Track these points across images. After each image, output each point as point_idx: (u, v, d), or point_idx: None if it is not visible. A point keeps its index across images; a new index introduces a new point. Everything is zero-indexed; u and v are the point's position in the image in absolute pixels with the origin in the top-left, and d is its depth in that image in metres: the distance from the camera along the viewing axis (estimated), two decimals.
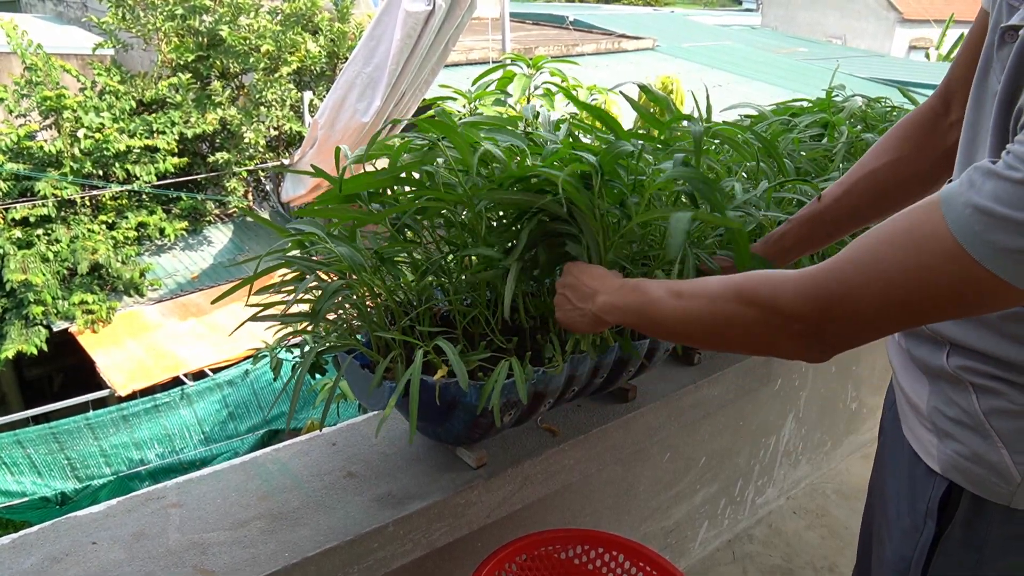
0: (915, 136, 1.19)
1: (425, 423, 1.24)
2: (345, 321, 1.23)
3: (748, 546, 2.33)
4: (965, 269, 0.71)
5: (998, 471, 0.91)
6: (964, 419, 0.94)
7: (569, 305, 1.13)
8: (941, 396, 0.97)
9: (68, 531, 1.12)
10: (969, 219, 0.70)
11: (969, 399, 0.93)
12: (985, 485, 0.93)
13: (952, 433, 0.96)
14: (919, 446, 1.02)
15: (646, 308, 1.01)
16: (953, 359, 0.94)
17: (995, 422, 0.91)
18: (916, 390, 1.02)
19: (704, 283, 0.95)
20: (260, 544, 1.11)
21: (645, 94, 1.54)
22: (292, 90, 8.33)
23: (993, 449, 0.91)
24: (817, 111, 2.07)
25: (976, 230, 0.69)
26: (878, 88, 10.23)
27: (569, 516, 1.71)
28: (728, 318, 0.90)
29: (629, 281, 1.06)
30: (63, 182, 7.11)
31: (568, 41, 11.94)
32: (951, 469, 0.96)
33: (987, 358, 0.91)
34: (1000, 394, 0.90)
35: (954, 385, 0.95)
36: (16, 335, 6.75)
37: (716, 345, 1.03)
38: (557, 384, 1.22)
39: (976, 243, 0.70)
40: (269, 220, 1.31)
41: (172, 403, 5.75)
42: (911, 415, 1.04)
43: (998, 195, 0.68)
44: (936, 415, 0.98)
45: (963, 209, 0.71)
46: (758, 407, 2.18)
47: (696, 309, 0.94)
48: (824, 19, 24.70)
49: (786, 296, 0.84)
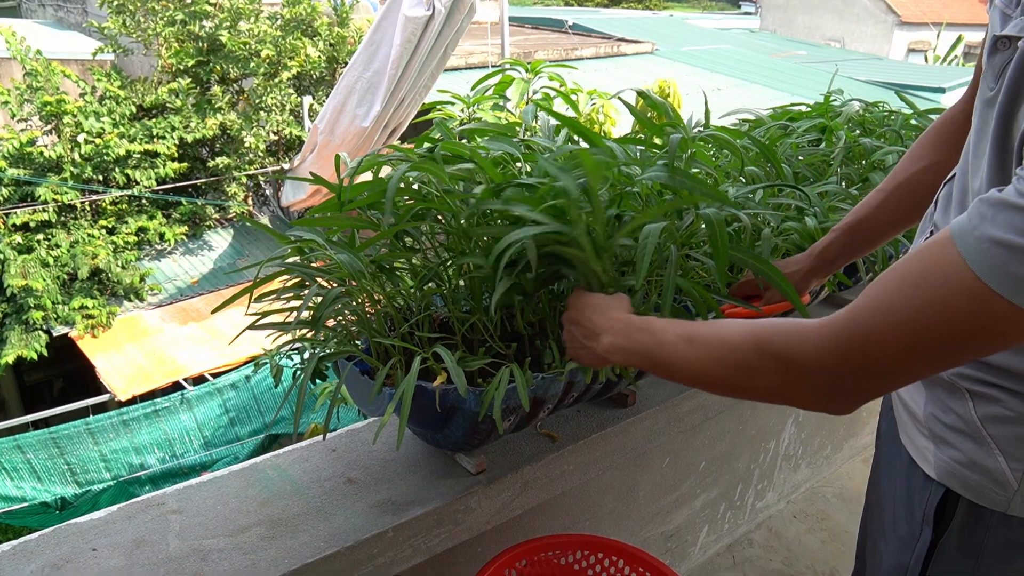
0: (950, 138, 1.17)
1: (425, 429, 1.24)
2: (344, 328, 1.24)
3: (748, 550, 2.33)
4: (987, 304, 0.69)
5: (995, 478, 0.91)
6: (961, 426, 0.94)
7: (576, 342, 1.09)
8: (938, 403, 0.97)
9: (68, 538, 1.12)
10: (987, 253, 0.68)
11: (966, 406, 0.93)
12: (982, 492, 0.93)
13: (949, 440, 0.95)
14: (916, 452, 1.02)
15: (655, 353, 0.96)
16: None
17: (991, 429, 0.91)
18: (913, 396, 1.02)
19: (719, 330, 0.91)
20: (260, 551, 1.11)
21: (643, 99, 1.55)
22: (292, 95, 8.35)
23: (990, 456, 0.91)
24: (815, 116, 2.07)
25: (995, 264, 0.68)
26: (877, 91, 10.25)
27: (569, 521, 1.71)
28: (746, 369, 0.87)
29: (635, 320, 1.01)
30: (63, 187, 7.12)
31: (567, 45, 11.96)
32: (947, 475, 0.95)
33: (983, 365, 0.90)
34: (996, 401, 0.90)
35: (951, 392, 0.95)
36: (16, 340, 6.76)
37: (731, 393, 0.98)
38: (557, 390, 1.23)
39: (997, 277, 0.68)
40: (269, 226, 1.32)
41: (172, 408, 5.75)
42: (908, 422, 1.04)
43: (1015, 226, 0.67)
44: (933, 422, 0.98)
45: (979, 243, 0.69)
46: (758, 412, 2.18)
47: (711, 359, 0.90)
48: (823, 22, 24.74)
49: (807, 348, 0.81)
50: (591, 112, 2.79)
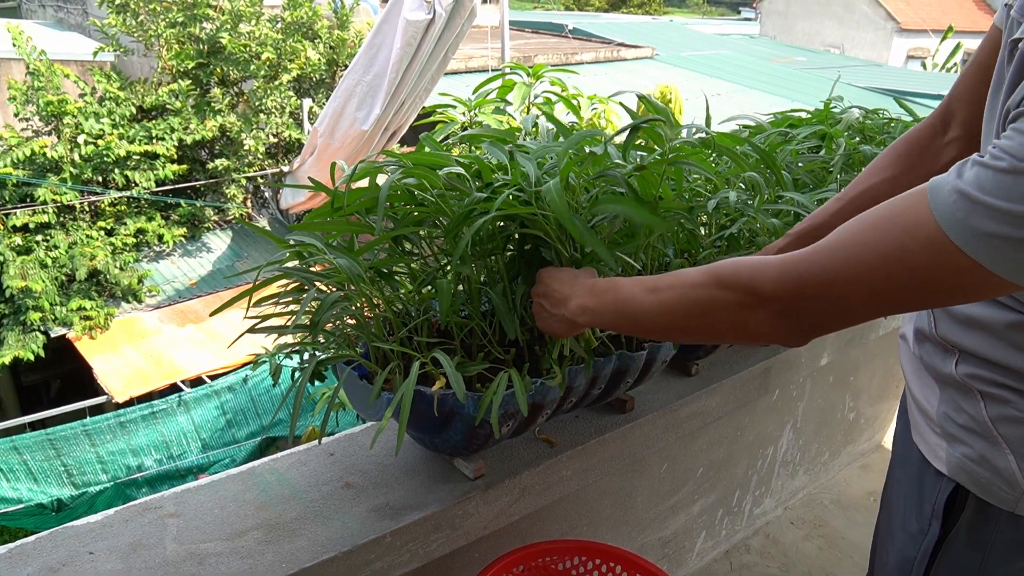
0: (912, 153, 1.19)
1: (423, 434, 1.24)
2: (343, 332, 1.23)
3: (745, 556, 2.33)
4: (945, 254, 0.72)
5: (1004, 477, 0.93)
6: (973, 425, 0.96)
7: (545, 312, 1.12)
8: (950, 403, 0.99)
9: (65, 541, 1.12)
10: (952, 205, 0.72)
11: (977, 406, 0.95)
12: (991, 490, 0.95)
13: (961, 437, 0.97)
14: (928, 450, 1.04)
15: (621, 306, 0.99)
16: (962, 367, 0.96)
17: (1002, 429, 0.93)
18: (927, 396, 1.04)
19: (680, 273, 0.95)
20: (257, 555, 1.10)
21: (643, 104, 1.55)
22: (292, 97, 8.35)
23: (1001, 455, 0.93)
24: (815, 123, 2.07)
25: (958, 216, 0.71)
26: (876, 97, 10.26)
27: (567, 527, 1.71)
28: (707, 304, 0.89)
29: (600, 281, 1.05)
30: (62, 188, 7.12)
31: (567, 50, 11.98)
32: (959, 471, 0.97)
33: (994, 366, 0.93)
34: (1007, 402, 0.92)
35: (963, 392, 0.97)
36: (14, 341, 6.75)
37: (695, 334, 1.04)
38: (555, 395, 1.22)
39: (957, 228, 0.71)
40: (268, 230, 1.32)
41: (170, 410, 5.75)
42: (921, 421, 1.06)
43: (981, 182, 0.70)
44: (945, 420, 1.00)
45: (948, 196, 0.72)
46: (756, 418, 2.18)
47: (673, 300, 0.93)
48: (822, 28, 24.79)
49: (765, 277, 0.84)
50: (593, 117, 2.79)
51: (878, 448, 2.94)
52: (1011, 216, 0.68)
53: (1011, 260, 0.70)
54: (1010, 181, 0.69)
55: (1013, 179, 0.69)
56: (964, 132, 1.12)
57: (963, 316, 0.96)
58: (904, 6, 23.64)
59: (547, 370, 1.22)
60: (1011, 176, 0.69)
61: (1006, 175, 0.69)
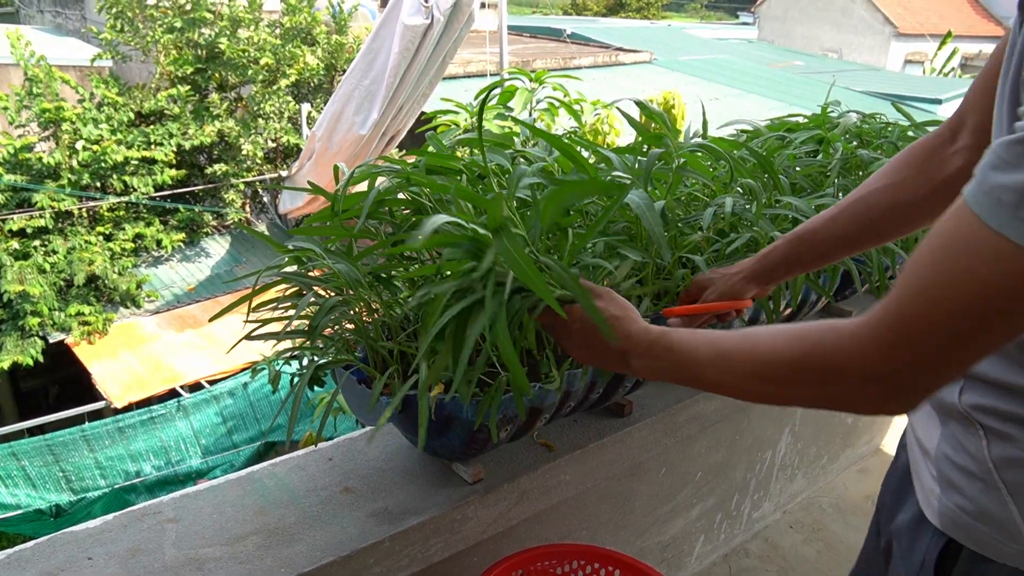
0: (917, 162, 1.13)
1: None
2: (342, 337, 1.24)
3: (744, 561, 2.33)
4: (1011, 260, 0.62)
5: (1006, 529, 0.84)
6: (972, 467, 0.87)
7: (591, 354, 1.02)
8: (951, 440, 0.90)
9: (64, 546, 1.12)
10: (998, 203, 0.63)
11: (979, 444, 0.86)
12: (989, 544, 0.86)
13: (957, 483, 0.88)
14: (922, 495, 0.96)
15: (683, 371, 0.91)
16: (967, 395, 0.87)
17: (1005, 473, 0.84)
18: (928, 433, 0.95)
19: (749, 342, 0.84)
20: (256, 560, 1.10)
21: (641, 110, 1.56)
22: (290, 102, 8.36)
23: (1001, 504, 0.84)
24: (812, 127, 2.08)
25: (1008, 211, 0.62)
26: (874, 102, 10.29)
27: (565, 531, 1.71)
28: (786, 384, 0.81)
29: (654, 337, 0.94)
30: (60, 194, 7.12)
31: (565, 54, 11.99)
32: (951, 524, 0.89)
33: (1003, 392, 0.83)
34: (1014, 440, 0.83)
35: (965, 427, 0.88)
36: (12, 346, 6.74)
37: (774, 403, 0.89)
38: (553, 399, 1.23)
39: (1012, 224, 0.62)
40: (266, 235, 1.32)
41: (168, 415, 5.74)
42: (920, 460, 0.98)
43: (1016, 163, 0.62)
44: (943, 462, 0.91)
45: (988, 196, 0.64)
46: (754, 422, 2.19)
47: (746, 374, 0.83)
48: (820, 33, 24.86)
49: (847, 357, 0.74)
50: (595, 123, 2.80)
51: (876, 452, 2.94)
52: None
53: None
54: None
55: None
56: (973, 141, 1.04)
57: None
58: (902, 11, 23.72)
59: (545, 374, 1.23)
60: None
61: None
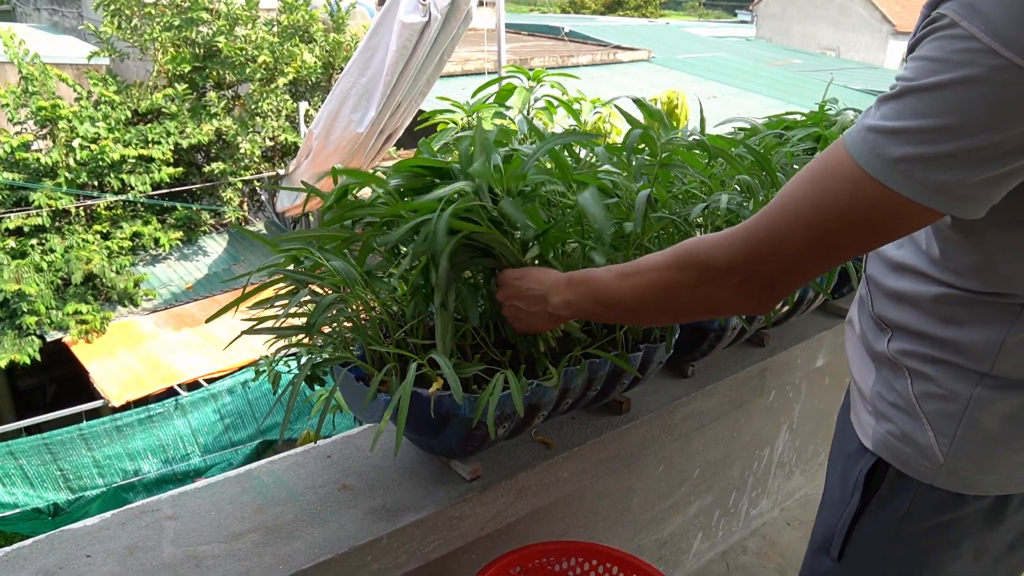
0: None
1: (420, 436, 1.24)
2: (339, 334, 1.24)
3: (742, 557, 2.33)
4: (866, 189, 0.77)
5: (923, 451, 0.99)
6: (900, 402, 1.02)
7: (522, 313, 1.16)
8: (884, 382, 1.05)
9: (62, 544, 1.12)
10: (863, 141, 0.77)
11: (905, 383, 1.01)
12: (910, 463, 1.00)
13: (888, 415, 1.03)
14: (859, 428, 1.10)
15: (598, 295, 1.06)
16: (894, 343, 1.02)
17: (925, 405, 0.99)
18: (864, 377, 1.10)
19: (646, 259, 1.01)
20: (254, 557, 1.10)
21: (640, 108, 1.56)
22: (288, 101, 8.35)
23: (921, 431, 0.99)
24: (810, 125, 2.08)
25: (869, 147, 0.77)
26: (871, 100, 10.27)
27: (563, 528, 1.71)
28: (673, 285, 0.96)
29: (576, 274, 1.10)
30: (58, 192, 7.11)
31: (563, 52, 12.00)
32: (881, 446, 1.04)
33: (922, 339, 0.98)
34: (931, 379, 0.98)
35: (894, 371, 1.03)
36: (9, 345, 6.74)
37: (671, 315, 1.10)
38: (551, 396, 1.23)
39: (870, 160, 0.77)
40: (263, 235, 1.32)
41: (166, 414, 5.74)
42: (858, 401, 1.11)
43: (884, 112, 0.77)
44: (877, 399, 1.06)
45: (859, 134, 0.78)
46: (752, 419, 2.19)
47: (643, 284, 0.99)
48: (818, 31, 24.86)
49: (718, 251, 0.90)
50: (596, 121, 2.79)
51: None
52: (909, 134, 0.74)
53: (922, 183, 0.75)
54: (904, 103, 0.75)
55: (906, 100, 0.75)
56: None
57: (894, 292, 1.02)
58: (900, 9, 23.72)
59: (543, 371, 1.23)
60: (904, 98, 0.75)
61: (899, 98, 0.76)
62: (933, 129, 0.73)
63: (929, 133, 0.73)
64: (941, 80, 0.72)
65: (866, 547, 1.08)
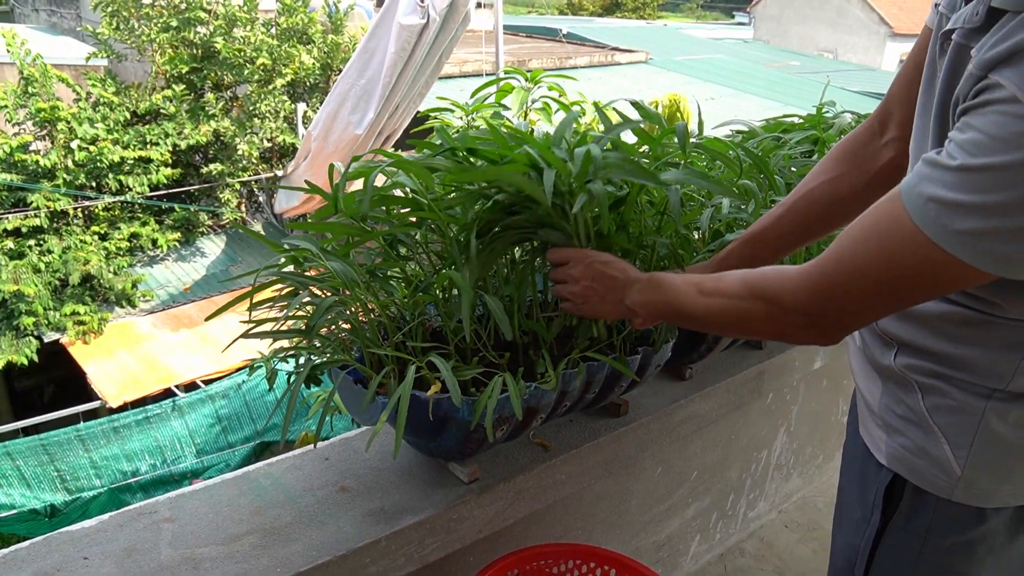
0: (851, 156, 1.23)
1: (418, 438, 1.24)
2: (338, 336, 1.24)
3: (740, 560, 2.33)
4: (927, 251, 0.80)
5: (940, 464, 0.98)
6: (911, 416, 1.02)
7: (595, 296, 1.16)
8: (891, 395, 1.05)
9: (60, 546, 1.12)
10: (924, 208, 0.79)
11: (915, 397, 1.01)
12: (926, 477, 1.00)
13: (900, 428, 1.03)
14: (871, 443, 1.10)
15: (677, 305, 1.09)
16: (900, 358, 1.02)
17: (938, 418, 0.98)
18: (870, 390, 1.10)
19: (722, 280, 1.05)
20: (252, 559, 1.10)
21: (637, 110, 1.56)
22: (286, 102, 8.34)
23: (936, 444, 0.98)
24: (808, 127, 2.08)
25: (931, 216, 0.78)
26: (869, 101, 10.30)
27: (561, 530, 1.71)
28: (745, 313, 1.01)
29: (655, 276, 1.13)
30: (56, 193, 7.10)
31: (561, 54, 12.00)
32: (895, 461, 1.03)
33: (929, 356, 0.99)
34: (943, 393, 0.98)
35: (902, 385, 1.03)
36: (7, 346, 6.72)
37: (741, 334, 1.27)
38: (549, 399, 1.23)
39: (933, 227, 0.78)
40: (263, 234, 1.32)
41: (164, 415, 5.72)
42: (866, 415, 1.11)
43: (945, 183, 0.77)
44: (886, 412, 1.06)
45: (918, 199, 0.80)
46: (750, 421, 2.19)
47: (720, 307, 1.04)
48: (816, 33, 24.89)
49: (786, 293, 0.95)
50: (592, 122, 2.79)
51: None
52: (973, 208, 0.75)
53: (987, 254, 0.77)
54: (966, 178, 0.76)
55: (968, 176, 0.76)
56: (901, 133, 1.15)
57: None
58: (897, 11, 23.75)
59: (542, 374, 1.23)
60: (966, 173, 0.76)
61: (961, 173, 0.76)
62: (996, 206, 0.74)
63: (993, 209, 0.75)
64: (1005, 161, 0.73)
65: (891, 567, 1.07)
